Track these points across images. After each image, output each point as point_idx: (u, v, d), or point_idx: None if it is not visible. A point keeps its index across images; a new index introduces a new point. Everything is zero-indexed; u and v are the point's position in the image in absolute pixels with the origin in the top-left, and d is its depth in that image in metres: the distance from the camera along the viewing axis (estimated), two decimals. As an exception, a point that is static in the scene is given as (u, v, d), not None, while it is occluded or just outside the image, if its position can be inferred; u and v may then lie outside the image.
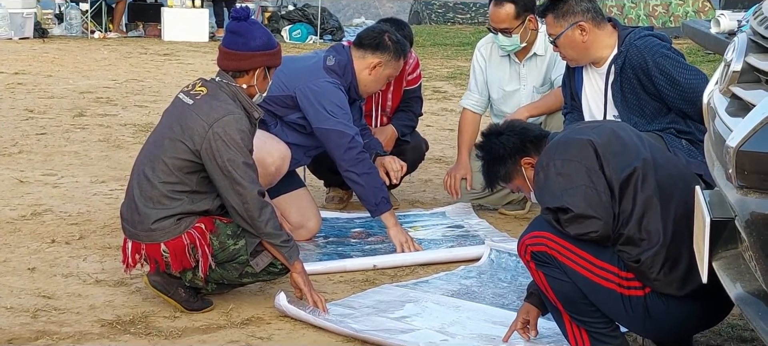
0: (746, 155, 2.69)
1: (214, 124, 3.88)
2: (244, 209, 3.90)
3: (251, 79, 4.05)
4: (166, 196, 3.94)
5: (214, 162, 3.89)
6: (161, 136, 4.01)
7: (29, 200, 5.70)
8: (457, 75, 11.40)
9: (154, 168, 3.95)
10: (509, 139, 3.65)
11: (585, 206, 3.28)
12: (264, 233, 3.93)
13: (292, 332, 3.90)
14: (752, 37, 3.26)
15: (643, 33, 4.65)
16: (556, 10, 4.67)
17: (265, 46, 4.05)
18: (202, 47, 14.07)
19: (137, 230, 3.96)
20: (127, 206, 4.03)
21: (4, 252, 4.75)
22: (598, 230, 3.29)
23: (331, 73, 4.92)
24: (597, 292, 3.36)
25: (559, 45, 4.72)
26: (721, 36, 9.71)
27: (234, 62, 4.03)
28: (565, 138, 3.49)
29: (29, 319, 3.95)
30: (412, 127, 5.78)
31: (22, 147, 7.09)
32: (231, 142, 3.88)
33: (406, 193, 6.07)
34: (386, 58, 5.01)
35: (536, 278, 3.44)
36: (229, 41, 4.05)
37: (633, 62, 4.57)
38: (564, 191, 3.31)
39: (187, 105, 3.99)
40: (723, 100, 3.18)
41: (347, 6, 26.20)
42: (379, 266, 4.67)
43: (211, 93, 4.00)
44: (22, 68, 11.27)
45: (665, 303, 3.34)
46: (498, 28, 5.45)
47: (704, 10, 15.34)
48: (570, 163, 3.34)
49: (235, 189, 3.89)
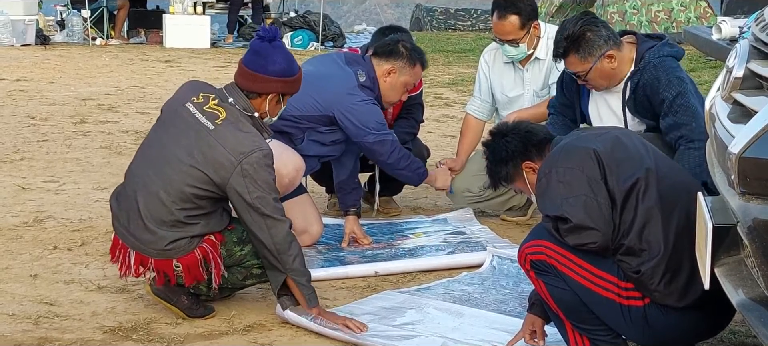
0: (748, 162, 2.69)
1: (243, 161, 3.78)
2: (273, 244, 3.82)
3: (263, 102, 3.97)
4: (182, 221, 3.87)
5: (242, 199, 3.80)
6: (177, 159, 3.86)
7: (31, 206, 5.70)
8: (459, 82, 11.40)
9: (170, 193, 3.84)
10: (512, 141, 3.64)
11: (584, 217, 3.27)
12: (290, 269, 3.86)
13: (294, 338, 3.90)
14: (754, 44, 3.26)
15: (663, 52, 4.58)
16: (580, 49, 4.55)
17: (283, 72, 3.96)
18: (203, 54, 14.07)
19: (147, 247, 3.89)
20: (130, 218, 3.91)
21: (6, 259, 4.76)
22: (596, 242, 3.29)
23: (365, 89, 5.04)
24: (596, 302, 3.36)
25: (590, 79, 4.64)
26: (723, 42, 9.70)
27: (249, 82, 3.95)
28: (569, 145, 3.48)
29: (31, 326, 3.95)
30: (414, 134, 5.78)
31: (24, 154, 7.09)
32: (261, 181, 3.80)
33: (407, 199, 6.07)
34: (400, 64, 5.08)
35: (537, 286, 3.45)
36: (248, 60, 3.97)
37: (646, 81, 4.55)
38: (564, 199, 3.31)
39: (206, 128, 3.86)
40: (725, 106, 3.18)
41: (349, 13, 26.24)
42: (380, 273, 4.67)
43: (231, 119, 3.87)
44: (23, 75, 11.28)
45: (665, 314, 3.33)
46: (504, 40, 5.44)
47: (706, 17, 15.33)
48: (572, 172, 3.34)
49: (266, 223, 3.81)
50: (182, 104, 3.97)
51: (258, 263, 4.00)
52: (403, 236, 5.25)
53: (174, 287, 4.00)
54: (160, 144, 3.97)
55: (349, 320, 3.90)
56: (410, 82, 5.16)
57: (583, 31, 4.54)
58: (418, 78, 5.23)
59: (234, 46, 15.30)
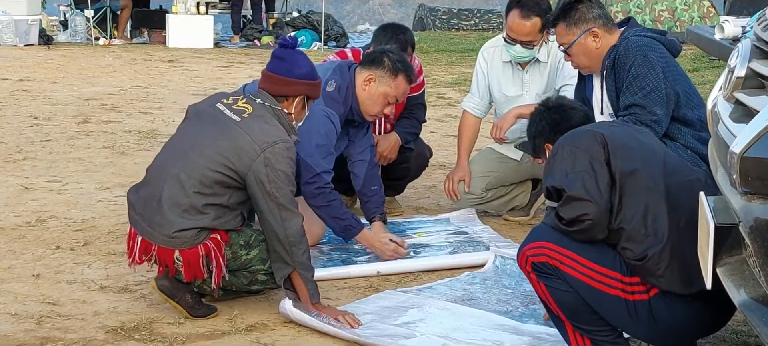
0: (750, 161, 2.69)
1: (267, 150, 3.88)
2: (286, 236, 3.89)
3: (291, 106, 4.08)
4: (195, 208, 3.91)
5: (262, 187, 3.88)
6: (201, 145, 3.96)
7: (34, 206, 5.70)
8: (461, 81, 11.41)
9: (191, 175, 3.92)
10: (544, 120, 3.79)
11: (581, 189, 3.32)
12: (299, 262, 3.92)
13: (296, 337, 3.91)
14: (756, 43, 3.26)
15: (644, 33, 4.54)
16: (568, 17, 4.57)
17: (308, 75, 4.10)
18: (206, 54, 14.09)
19: (154, 230, 3.93)
20: (147, 203, 3.97)
21: (8, 259, 4.76)
22: (590, 214, 3.30)
23: (330, 100, 4.83)
24: (600, 300, 3.36)
25: (572, 53, 4.62)
26: (726, 42, 9.69)
27: (276, 86, 4.06)
28: (581, 129, 3.58)
29: (34, 325, 3.95)
30: (416, 133, 5.77)
31: (26, 154, 7.10)
32: (281, 171, 3.89)
33: (410, 199, 6.07)
34: (380, 73, 4.89)
35: (538, 289, 3.44)
36: (273, 66, 4.09)
37: (619, 56, 4.48)
38: (564, 174, 3.37)
39: (233, 120, 3.97)
40: (727, 106, 3.18)
41: (351, 12, 26.25)
42: (383, 272, 4.68)
43: (257, 113, 3.99)
44: (27, 75, 11.29)
45: (669, 306, 3.33)
46: (520, 40, 5.38)
47: (709, 16, 15.34)
48: (576, 151, 3.42)
49: (281, 214, 3.88)
50: (210, 105, 4.09)
51: (264, 269, 4.03)
52: (406, 236, 5.24)
53: (179, 285, 4.01)
54: (185, 134, 4.08)
55: (340, 313, 3.96)
56: (391, 94, 4.92)
57: (576, 3, 4.60)
58: (401, 90, 4.95)
59: (238, 46, 15.31)
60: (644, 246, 3.31)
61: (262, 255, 4.01)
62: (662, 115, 4.37)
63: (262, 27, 15.98)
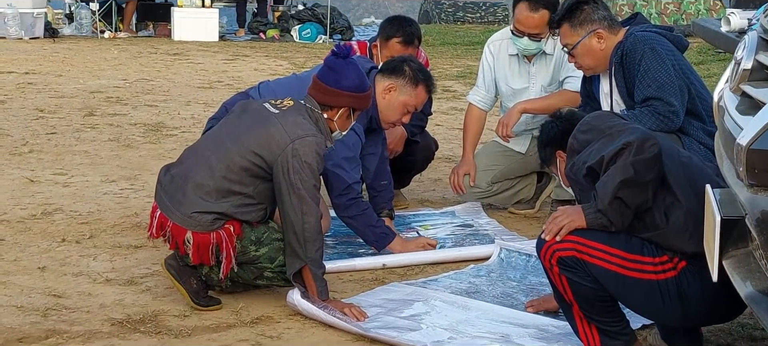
0: (757, 153, 2.69)
1: (296, 141, 3.93)
2: (303, 229, 3.92)
3: (335, 115, 4.17)
4: (219, 192, 3.97)
5: (287, 177, 3.92)
6: (238, 133, 4.04)
7: (40, 199, 5.71)
8: (467, 74, 11.40)
9: (221, 159, 3.99)
10: (555, 128, 3.78)
11: (643, 133, 3.36)
12: (311, 258, 3.94)
13: (301, 330, 3.91)
14: (762, 36, 3.25)
15: (648, 27, 4.58)
16: (573, 18, 4.59)
17: (355, 88, 4.15)
18: (212, 47, 14.08)
19: (173, 206, 3.99)
20: (174, 180, 4.04)
21: (14, 251, 4.77)
22: (657, 145, 3.29)
23: None
24: (630, 287, 3.36)
25: (576, 54, 4.64)
26: (732, 34, 9.69)
27: (321, 95, 4.14)
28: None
29: (39, 318, 3.96)
30: (422, 127, 5.77)
31: (32, 147, 7.11)
32: (307, 165, 3.93)
33: (415, 192, 6.07)
34: (401, 82, 4.86)
35: (557, 280, 3.43)
36: (322, 74, 4.17)
37: (627, 52, 4.52)
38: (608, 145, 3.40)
39: (272, 113, 4.05)
40: (733, 98, 3.17)
41: (357, 5, 26.25)
42: (388, 265, 4.67)
43: (296, 108, 4.07)
44: (32, 68, 11.30)
45: (697, 278, 3.31)
46: (528, 33, 5.38)
47: (715, 9, 15.32)
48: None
49: (301, 208, 3.91)
50: (258, 103, 4.18)
51: (271, 267, 4.04)
52: (411, 228, 5.24)
53: (187, 269, 4.04)
54: (227, 123, 4.17)
55: (347, 306, 3.98)
56: (411, 103, 4.89)
57: (581, 4, 4.61)
58: (421, 100, 4.93)
59: (244, 39, 15.31)
60: (670, 210, 3.33)
61: (271, 254, 4.02)
62: (678, 106, 4.42)
63: (268, 20, 15.97)
